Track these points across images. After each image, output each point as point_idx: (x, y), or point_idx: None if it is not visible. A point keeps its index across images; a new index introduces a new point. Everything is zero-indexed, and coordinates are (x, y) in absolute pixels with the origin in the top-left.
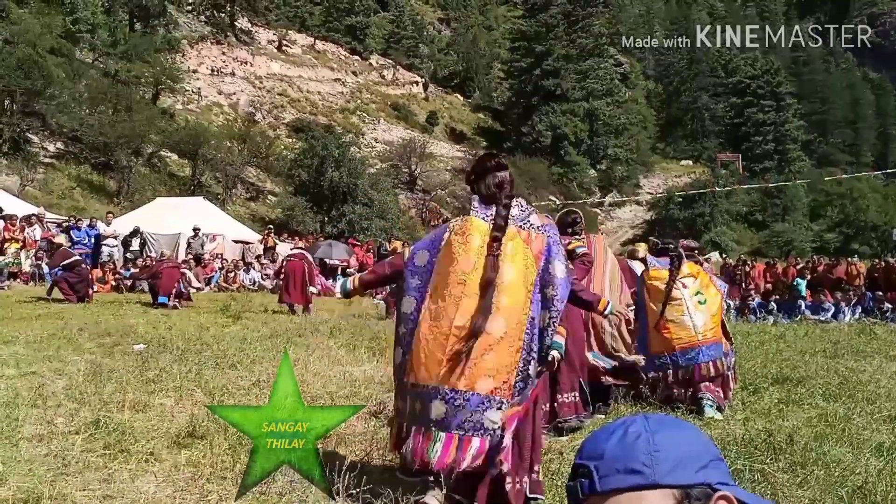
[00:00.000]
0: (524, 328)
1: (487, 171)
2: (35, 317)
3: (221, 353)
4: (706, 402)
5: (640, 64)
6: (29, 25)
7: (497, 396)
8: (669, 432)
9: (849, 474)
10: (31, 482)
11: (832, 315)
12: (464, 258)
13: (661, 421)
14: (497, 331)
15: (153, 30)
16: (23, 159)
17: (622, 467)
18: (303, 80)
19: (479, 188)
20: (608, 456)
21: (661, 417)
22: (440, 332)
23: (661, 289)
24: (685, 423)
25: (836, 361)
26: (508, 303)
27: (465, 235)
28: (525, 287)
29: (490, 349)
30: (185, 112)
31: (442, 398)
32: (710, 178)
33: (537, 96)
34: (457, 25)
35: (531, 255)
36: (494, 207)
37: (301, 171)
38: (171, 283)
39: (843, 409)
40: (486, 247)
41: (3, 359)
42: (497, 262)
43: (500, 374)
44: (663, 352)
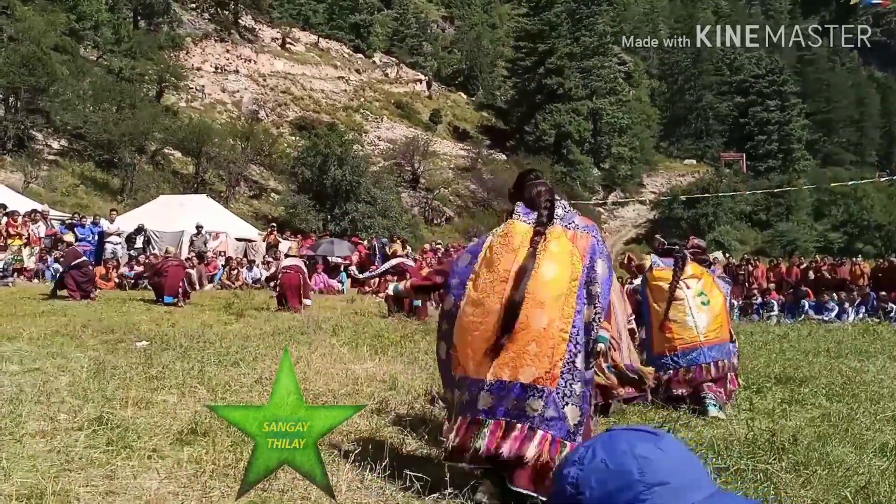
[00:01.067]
0: (570, 321)
1: (527, 183)
2: (38, 314)
3: (224, 351)
4: (709, 402)
5: (643, 63)
6: (33, 22)
7: (539, 385)
8: (592, 471)
9: (852, 474)
10: (35, 478)
11: (836, 315)
12: (506, 257)
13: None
14: (541, 323)
15: (157, 27)
16: (27, 156)
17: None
18: (306, 77)
19: (521, 197)
20: (553, 492)
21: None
22: (486, 328)
23: (665, 288)
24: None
25: (840, 361)
26: (552, 296)
27: (507, 237)
28: (570, 282)
29: (533, 341)
30: (188, 110)
31: (488, 389)
32: (714, 177)
33: (541, 95)
34: (460, 23)
35: (577, 253)
36: (536, 211)
37: (304, 169)
38: (177, 282)
39: (847, 410)
40: (528, 241)
41: (7, 355)
42: (535, 253)
43: (543, 363)
44: (665, 352)
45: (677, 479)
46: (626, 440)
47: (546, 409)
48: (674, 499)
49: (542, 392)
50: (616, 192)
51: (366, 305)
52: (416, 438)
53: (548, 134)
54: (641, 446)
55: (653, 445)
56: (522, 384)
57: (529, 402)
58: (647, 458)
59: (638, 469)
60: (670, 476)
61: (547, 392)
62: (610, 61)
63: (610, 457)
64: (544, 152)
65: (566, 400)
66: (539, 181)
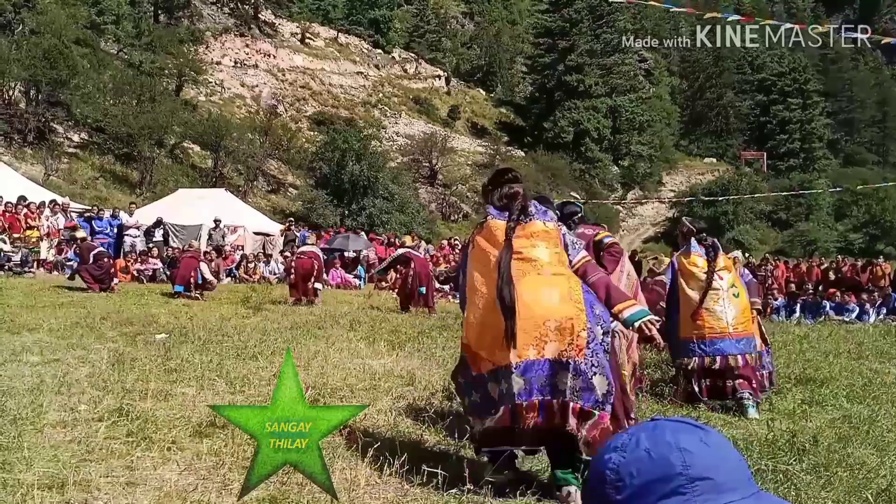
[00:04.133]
0: (579, 288)
1: (503, 182)
2: (58, 305)
3: (242, 344)
4: (748, 403)
5: (664, 60)
6: (55, 16)
7: (564, 359)
8: (634, 459)
9: (874, 476)
10: (56, 468)
11: (856, 316)
12: (493, 252)
13: (634, 445)
14: (552, 300)
15: (177, 21)
16: (47, 149)
17: (596, 495)
18: (325, 73)
19: (492, 198)
20: (591, 476)
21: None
22: (495, 318)
23: (699, 275)
24: (663, 440)
25: (861, 363)
26: (554, 272)
27: (488, 230)
28: (560, 258)
29: (551, 318)
30: (207, 104)
31: (519, 373)
32: (735, 175)
33: (560, 92)
34: (480, 20)
35: (554, 237)
36: (508, 214)
37: (322, 164)
38: (188, 272)
39: (868, 411)
40: (504, 233)
41: (28, 346)
42: (511, 243)
43: (565, 337)
44: (693, 338)
45: (720, 475)
46: (672, 431)
47: (575, 380)
48: (714, 494)
49: (570, 364)
50: (635, 189)
51: (383, 300)
52: (435, 434)
53: (566, 131)
54: (686, 438)
55: (698, 439)
56: (550, 361)
57: (559, 377)
58: (690, 452)
59: (681, 462)
60: (713, 472)
61: (574, 364)
62: (630, 59)
63: (653, 446)
64: (563, 149)
65: (594, 370)
66: (515, 182)
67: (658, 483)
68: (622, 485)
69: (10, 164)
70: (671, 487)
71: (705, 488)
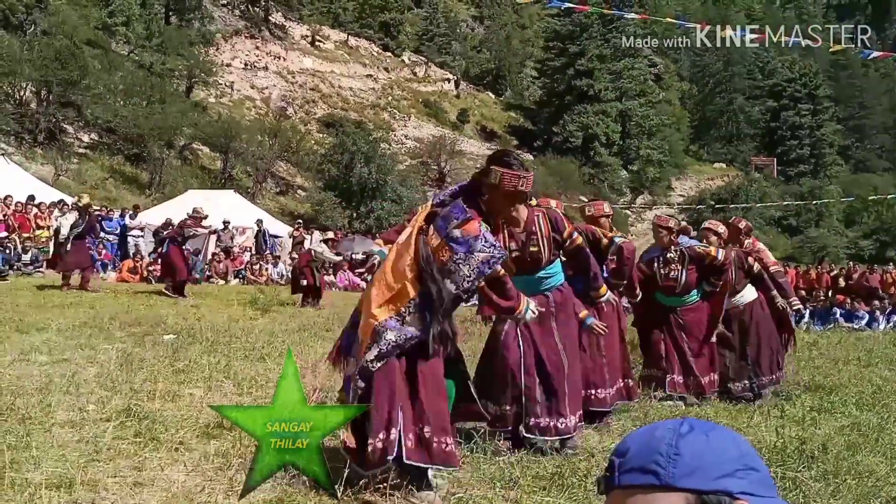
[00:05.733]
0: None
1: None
2: (67, 305)
3: (250, 346)
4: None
5: (674, 65)
6: (67, 17)
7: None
8: (697, 436)
9: (883, 485)
10: (64, 467)
11: (866, 323)
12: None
13: (696, 425)
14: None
15: (188, 23)
16: (57, 149)
17: (640, 466)
18: (335, 75)
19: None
20: (632, 453)
21: (699, 422)
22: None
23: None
24: (724, 429)
25: (870, 370)
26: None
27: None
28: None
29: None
30: (217, 105)
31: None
32: (744, 181)
33: (570, 96)
34: (490, 23)
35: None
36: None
37: (331, 166)
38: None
39: (877, 419)
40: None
41: (37, 346)
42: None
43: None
44: None
45: (765, 472)
46: (716, 426)
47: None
48: (763, 488)
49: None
50: (644, 194)
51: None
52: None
53: (575, 135)
54: (734, 433)
55: (742, 438)
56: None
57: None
58: (744, 443)
59: (737, 449)
60: (761, 467)
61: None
62: (640, 63)
63: (710, 432)
64: (572, 153)
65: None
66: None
67: (715, 464)
68: (679, 459)
69: (21, 163)
70: (728, 469)
71: (757, 479)
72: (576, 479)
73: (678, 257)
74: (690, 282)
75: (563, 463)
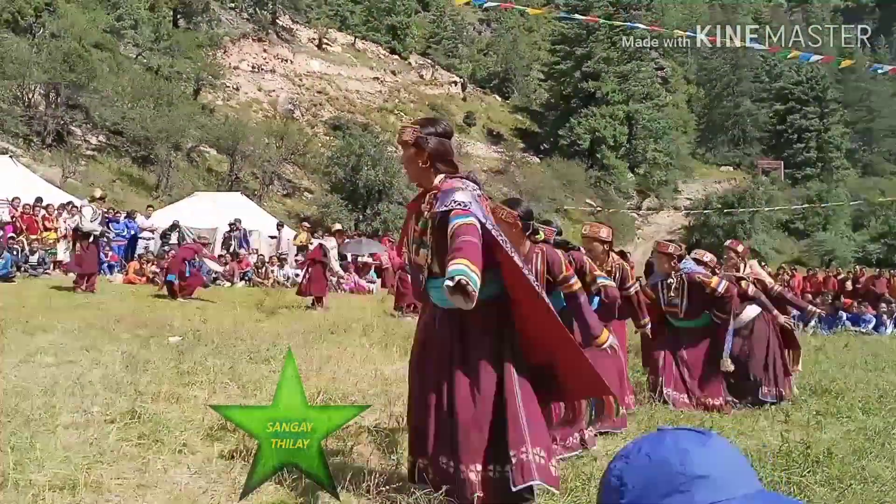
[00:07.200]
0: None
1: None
2: (73, 307)
3: (255, 348)
4: None
5: (681, 68)
6: (75, 20)
7: None
8: (641, 459)
9: (888, 490)
10: (68, 469)
11: (873, 327)
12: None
13: (644, 444)
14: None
15: (196, 26)
16: (65, 151)
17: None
18: (342, 78)
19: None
20: (600, 487)
21: (649, 438)
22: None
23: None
24: (668, 438)
25: (877, 374)
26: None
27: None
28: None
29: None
30: (224, 108)
31: None
32: (751, 184)
33: (576, 99)
34: (497, 26)
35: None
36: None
37: (337, 168)
38: (178, 261)
39: (883, 424)
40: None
41: (43, 347)
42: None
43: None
44: None
45: (719, 473)
46: (672, 436)
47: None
48: (714, 492)
49: None
50: (651, 197)
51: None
52: None
53: (582, 138)
54: (686, 441)
55: (697, 441)
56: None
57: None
58: (689, 452)
59: (679, 461)
60: (711, 469)
61: None
62: (647, 66)
63: (653, 450)
64: (578, 156)
65: None
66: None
67: (658, 484)
68: (625, 489)
69: (29, 165)
70: (671, 487)
71: (704, 486)
72: (579, 483)
73: (678, 284)
74: (693, 307)
75: (567, 466)
